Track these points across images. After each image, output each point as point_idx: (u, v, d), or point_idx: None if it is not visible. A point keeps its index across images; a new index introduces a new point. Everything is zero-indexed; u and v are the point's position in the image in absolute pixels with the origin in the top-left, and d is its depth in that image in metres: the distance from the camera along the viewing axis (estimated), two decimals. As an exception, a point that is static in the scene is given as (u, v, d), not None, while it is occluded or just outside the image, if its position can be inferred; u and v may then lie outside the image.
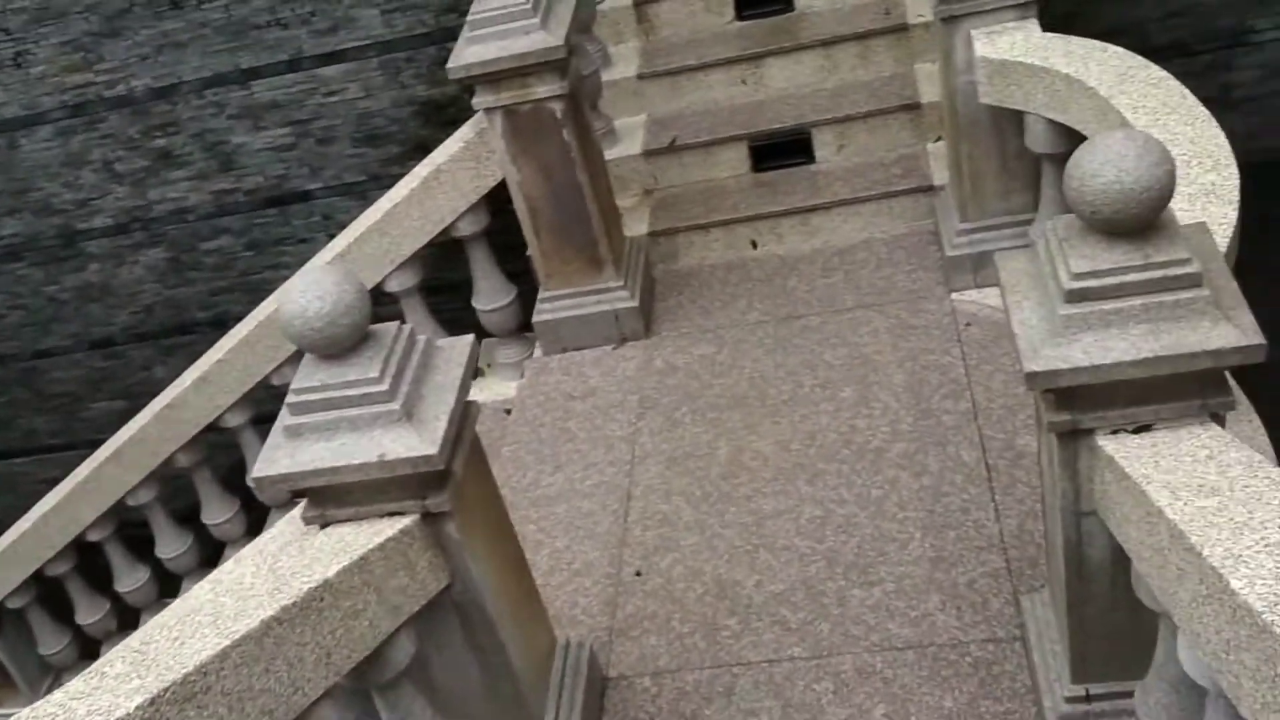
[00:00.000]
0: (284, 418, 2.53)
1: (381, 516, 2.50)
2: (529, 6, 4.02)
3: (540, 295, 4.62)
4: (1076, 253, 2.24)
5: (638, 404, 4.24)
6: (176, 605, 2.71)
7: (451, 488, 2.50)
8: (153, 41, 6.18)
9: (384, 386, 2.44)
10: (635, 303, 4.49)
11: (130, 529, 5.59)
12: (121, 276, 6.98)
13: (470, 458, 2.66)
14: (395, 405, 2.44)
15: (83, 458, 6.96)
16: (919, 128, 4.83)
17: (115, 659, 1.83)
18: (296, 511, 2.81)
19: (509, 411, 4.40)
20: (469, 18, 4.11)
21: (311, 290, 2.39)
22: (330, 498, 2.52)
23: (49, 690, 6.00)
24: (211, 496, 5.29)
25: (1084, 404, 2.28)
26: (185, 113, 6.37)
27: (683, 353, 4.42)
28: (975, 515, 3.46)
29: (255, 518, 5.50)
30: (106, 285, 7.04)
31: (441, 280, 4.95)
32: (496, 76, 4.06)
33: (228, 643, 1.85)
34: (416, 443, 2.41)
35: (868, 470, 3.68)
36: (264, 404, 5.12)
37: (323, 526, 2.54)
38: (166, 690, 1.69)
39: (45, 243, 6.92)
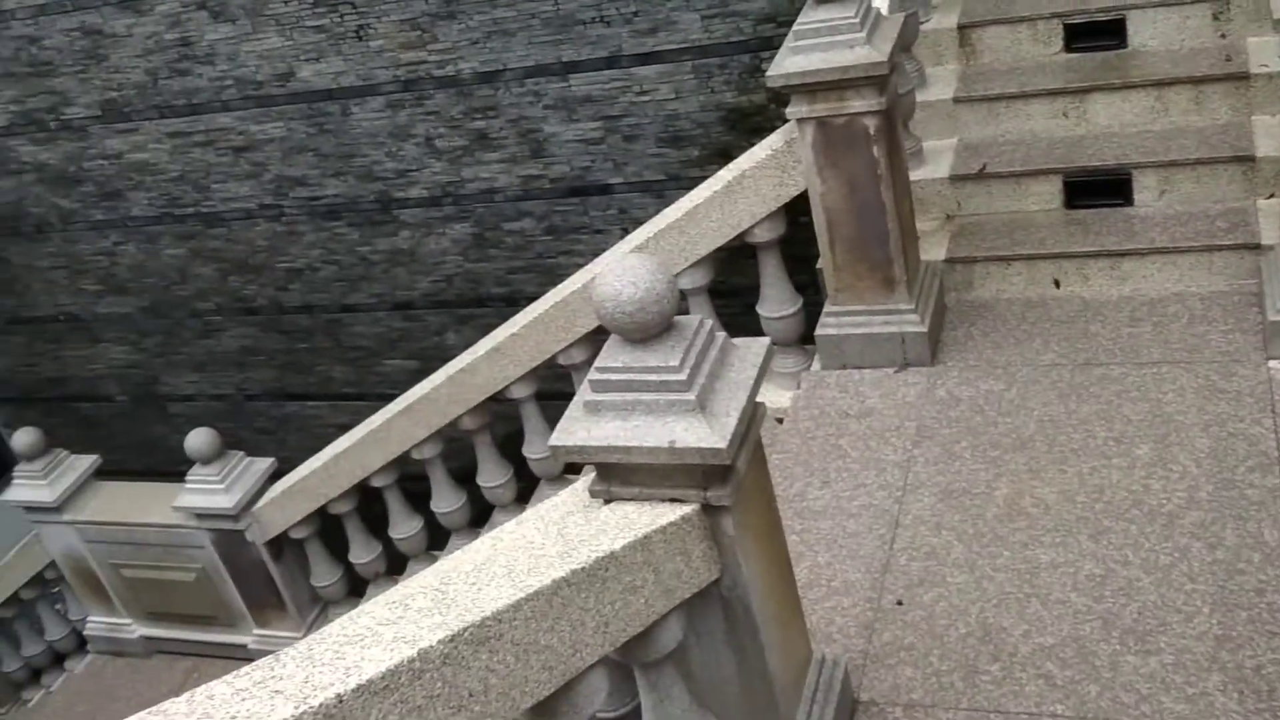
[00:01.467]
0: (584, 393, 2.62)
1: (664, 501, 2.56)
2: (856, 20, 4.01)
3: (826, 309, 4.60)
4: None
5: (915, 431, 4.16)
6: (464, 555, 2.87)
7: (733, 483, 2.53)
8: (484, 27, 6.54)
9: (682, 376, 2.50)
10: (924, 328, 4.40)
11: (410, 481, 5.95)
12: (428, 246, 7.43)
13: (753, 457, 2.68)
14: (690, 395, 2.49)
15: (372, 408, 7.47)
16: (1250, 182, 4.51)
17: (416, 594, 1.96)
18: (581, 484, 2.92)
19: (780, 420, 4.41)
20: (794, 27, 4.13)
21: (627, 275, 2.47)
22: (617, 475, 2.60)
23: (316, 619, 6.47)
24: (488, 460, 5.56)
25: None
26: (505, 99, 6.71)
27: (968, 385, 4.30)
28: (1271, 598, 3.20)
29: (523, 486, 5.75)
30: (414, 253, 7.50)
31: (725, 283, 5.02)
32: (814, 88, 4.07)
33: (521, 595, 1.94)
34: (707, 434, 2.45)
35: (1157, 535, 3.47)
36: (548, 381, 5.36)
37: (607, 501, 2.63)
38: (465, 630, 1.79)
39: (364, 207, 7.45)
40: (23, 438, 6.54)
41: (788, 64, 4.08)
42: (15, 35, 7.45)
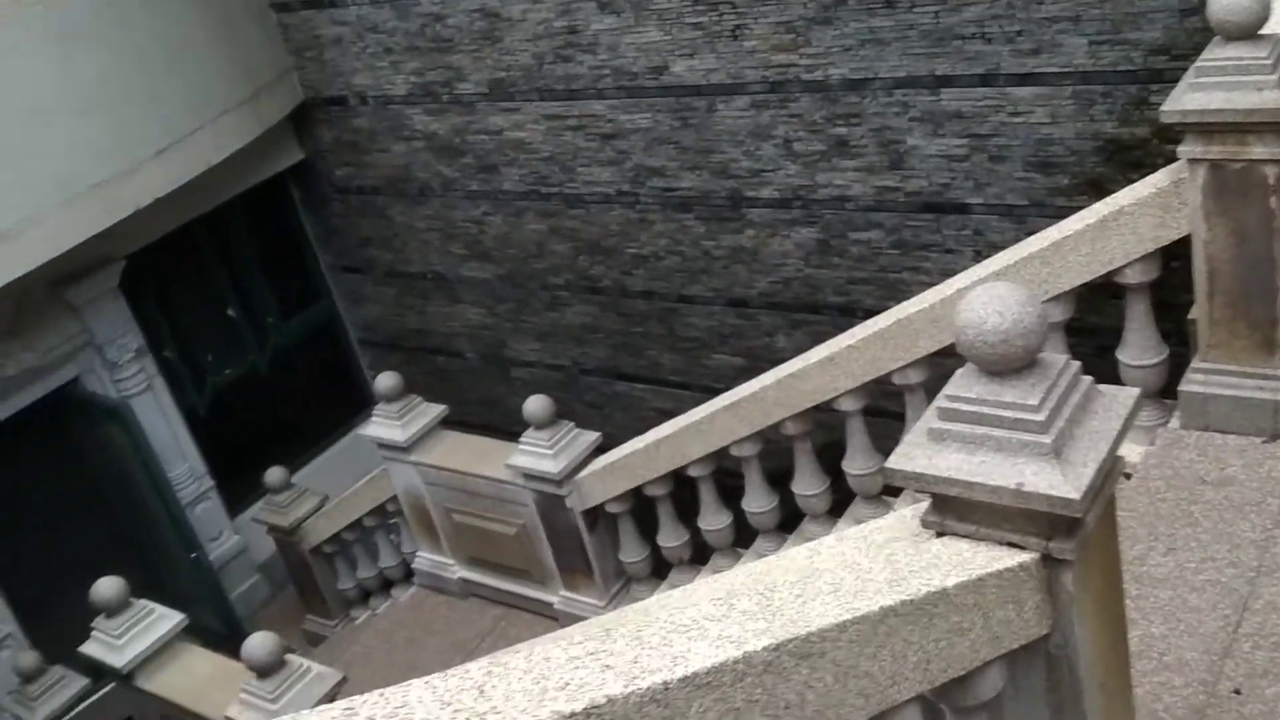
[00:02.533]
0: (930, 419, 2.56)
1: (1000, 544, 2.45)
2: (1268, 61, 3.69)
3: (1194, 364, 4.27)
4: None
5: (1278, 510, 3.79)
6: (781, 562, 2.88)
7: (1079, 538, 2.39)
8: (858, 35, 6.49)
9: (1039, 417, 2.38)
10: (1305, 399, 4.00)
11: (724, 475, 6.03)
12: (771, 247, 7.49)
13: (1103, 514, 2.53)
14: (1046, 439, 2.37)
15: (695, 398, 7.62)
16: None
17: (741, 595, 1.97)
18: (910, 510, 2.85)
19: (1128, 476, 4.14)
20: (1197, 63, 3.85)
21: (994, 304, 2.39)
22: (954, 509, 2.51)
23: (619, 592, 6.69)
24: (806, 468, 5.55)
25: None
26: (871, 108, 6.65)
27: (1350, 469, 3.88)
28: None
29: (836, 498, 5.71)
30: (756, 252, 7.58)
31: (1079, 321, 4.75)
32: (1212, 128, 3.78)
33: (848, 616, 1.92)
34: (1059, 482, 2.33)
35: None
36: (877, 398, 5.28)
37: (939, 534, 2.55)
38: (789, 641, 1.79)
39: (715, 202, 7.59)
40: (385, 380, 7.14)
41: (1186, 100, 3.81)
42: (423, 13, 8.12)
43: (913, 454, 2.52)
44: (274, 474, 8.47)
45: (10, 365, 8.03)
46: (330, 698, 5.26)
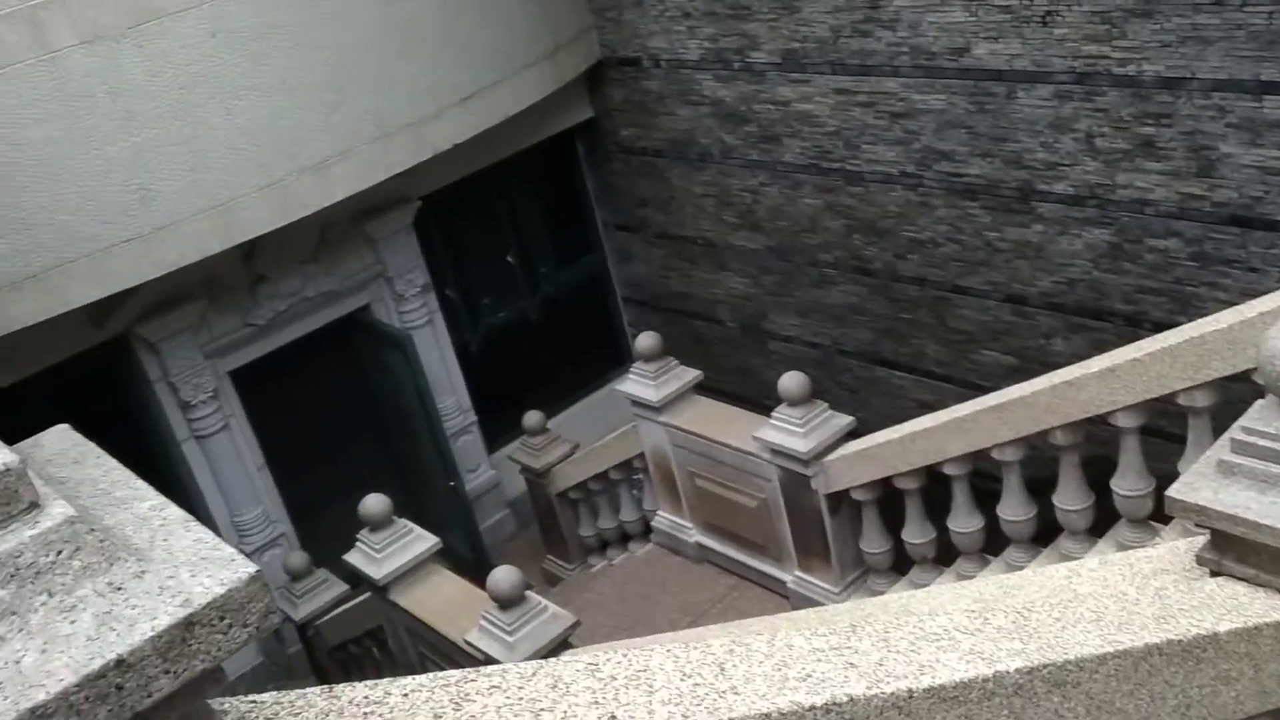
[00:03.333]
0: (1220, 450, 2.38)
1: (1282, 593, 2.27)
2: None
3: None
4: None
5: None
6: (1038, 579, 2.75)
7: (1381, 602, 2.17)
8: (1180, 31, 6.05)
9: (1351, 464, 2.18)
10: None
11: (981, 477, 5.82)
12: (1059, 245, 7.13)
13: None
14: (1356, 488, 2.16)
15: (957, 393, 7.38)
16: None
17: (998, 611, 1.90)
18: (1184, 544, 2.67)
19: None
20: None
21: (1313, 336, 2.18)
22: (1234, 549, 2.33)
23: (855, 580, 6.60)
24: (1071, 481, 5.29)
25: None
26: (1184, 109, 6.20)
27: None
28: None
29: (1097, 517, 5.41)
30: (1041, 249, 7.24)
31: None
32: None
33: (1109, 649, 1.82)
34: (1364, 538, 2.12)
35: None
36: (1156, 417, 4.96)
37: (1214, 574, 2.38)
38: (1044, 667, 1.71)
39: (1002, 192, 7.29)
40: (645, 340, 7.27)
41: None
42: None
43: (1197, 485, 2.36)
44: (532, 417, 8.81)
45: (311, 288, 8.67)
46: (563, 640, 5.45)
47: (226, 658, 1.09)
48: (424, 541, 6.49)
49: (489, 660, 5.44)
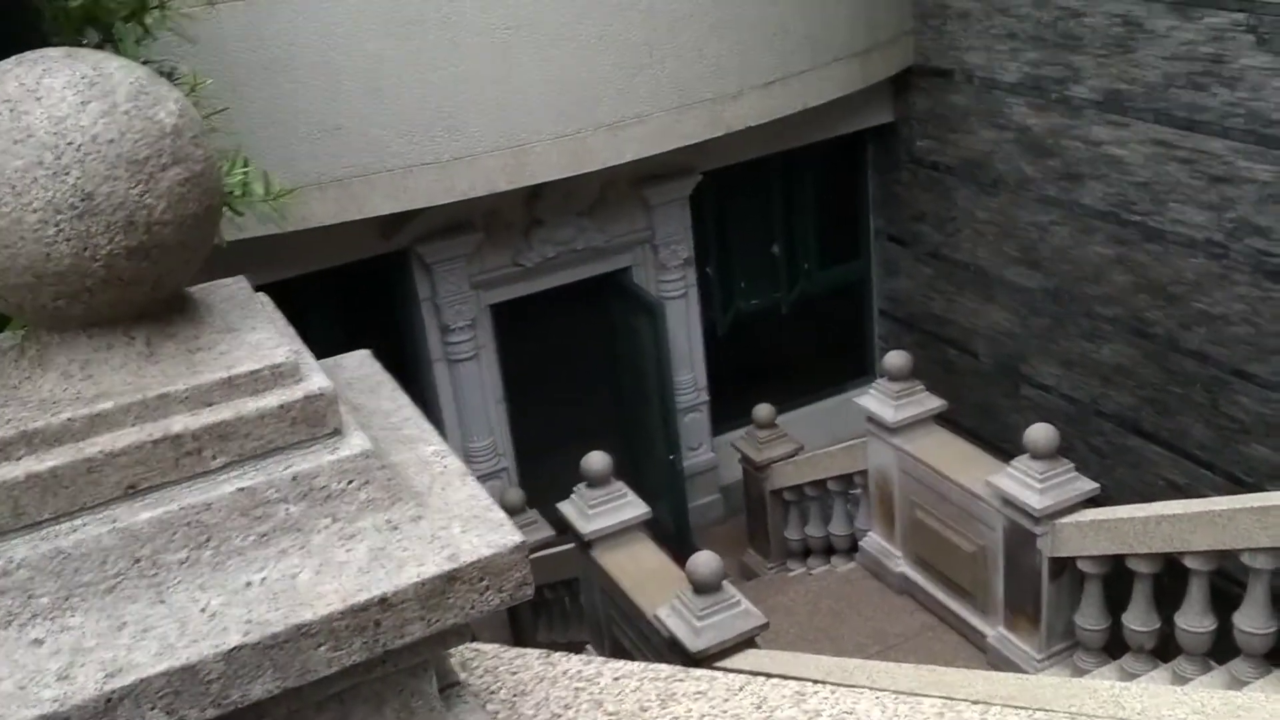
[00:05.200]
0: None
1: None
2: None
3: None
4: None
5: None
6: (1269, 705, 2.54)
7: None
8: None
9: None
10: None
11: (1223, 577, 5.42)
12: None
13: None
14: None
15: (1215, 483, 6.92)
16: None
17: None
18: None
19: None
20: None
21: None
22: None
23: (1061, 652, 6.30)
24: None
25: None
26: None
27: None
28: None
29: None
30: (1347, 351, 6.64)
31: None
32: None
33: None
34: None
35: None
36: None
37: None
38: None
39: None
40: (894, 359, 7.11)
41: None
42: (1062, 5, 7.77)
43: None
44: (762, 409, 8.77)
45: (581, 240, 8.90)
46: (749, 638, 5.42)
47: (479, 617, 1.12)
48: (635, 508, 6.58)
49: (673, 639, 5.48)
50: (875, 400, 7.16)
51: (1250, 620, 5.25)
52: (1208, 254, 7.27)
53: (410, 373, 8.58)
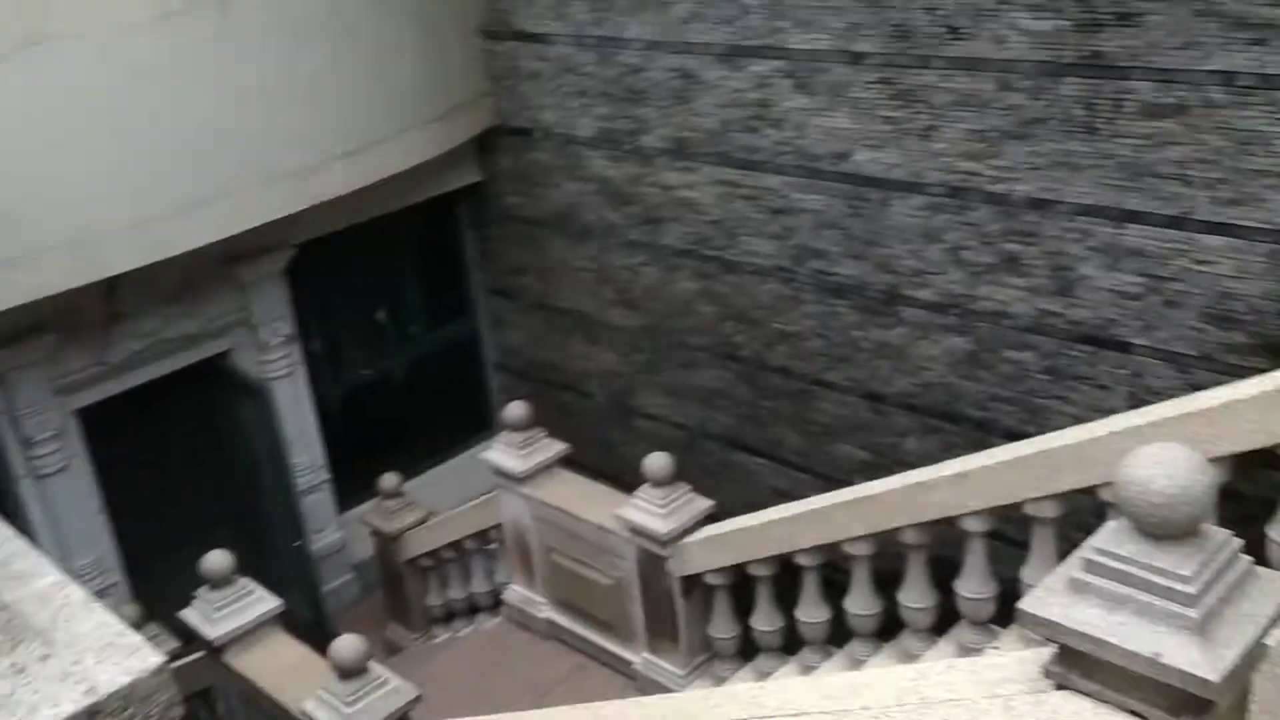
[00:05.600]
0: (1071, 567, 2.46)
1: (1123, 710, 2.35)
2: None
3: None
4: None
5: None
6: (885, 681, 2.79)
7: (1209, 721, 2.27)
8: (1053, 155, 6.38)
9: (1191, 589, 2.28)
10: None
11: (832, 570, 5.92)
12: (919, 348, 7.37)
13: (1236, 702, 2.40)
14: (1193, 613, 2.26)
15: (813, 483, 7.52)
16: None
17: (857, 712, 1.92)
18: (1031, 654, 2.74)
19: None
20: None
21: (1164, 465, 2.29)
22: (1080, 665, 2.41)
23: (701, 664, 6.61)
24: (917, 580, 5.41)
25: None
26: (1049, 230, 6.52)
27: None
28: None
29: (941, 617, 5.55)
30: (903, 351, 7.48)
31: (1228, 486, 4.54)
32: None
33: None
34: (1199, 660, 2.22)
35: None
36: (1002, 523, 5.13)
37: (1059, 687, 2.45)
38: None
39: (870, 294, 7.53)
40: (514, 410, 7.23)
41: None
42: (624, 62, 8.28)
43: (1049, 600, 2.43)
44: (388, 479, 8.63)
45: (170, 329, 8.39)
46: (403, 714, 5.30)
47: (128, 749, 1.03)
48: (265, 603, 6.27)
49: (324, 729, 5.25)
50: (500, 453, 7.24)
51: (859, 604, 5.75)
52: (779, 279, 7.96)
53: (-8, 494, 7.73)
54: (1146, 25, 5.85)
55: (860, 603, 5.74)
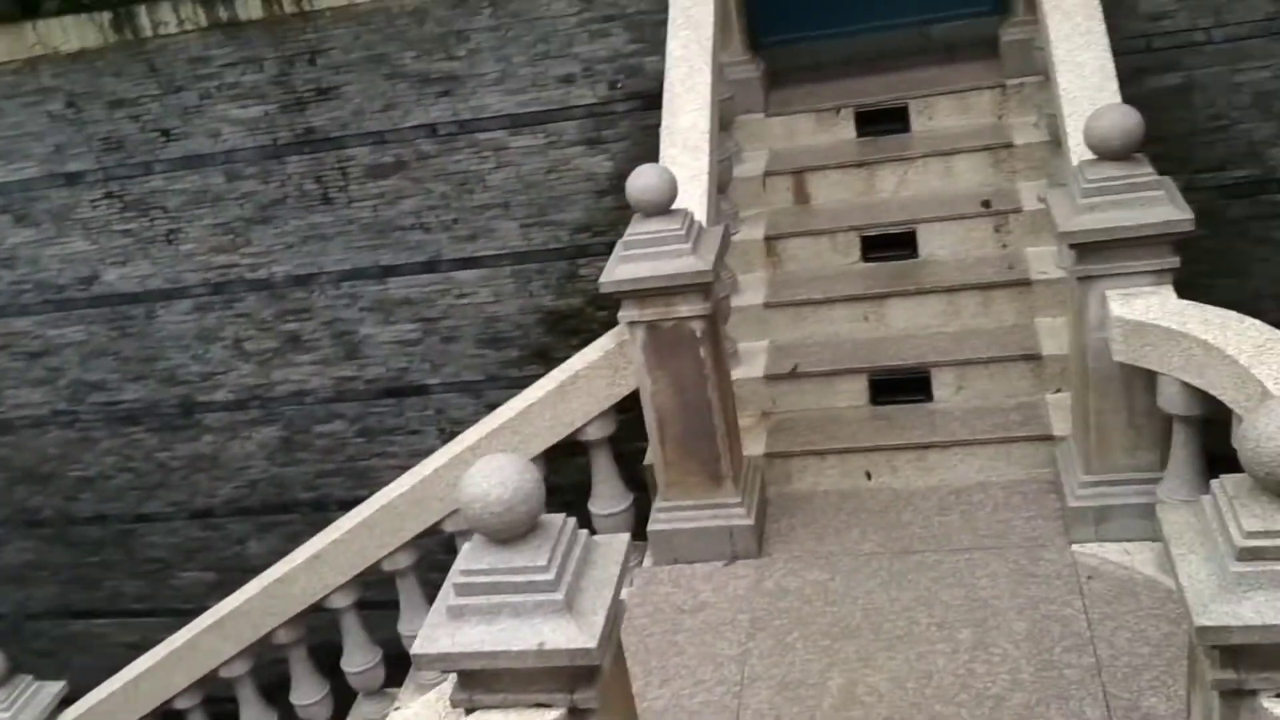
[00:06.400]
0: (447, 597, 2.59)
1: (530, 707, 2.53)
2: (681, 232, 4.27)
3: (656, 505, 4.69)
4: (1248, 511, 2.29)
5: (748, 624, 4.24)
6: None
7: (599, 684, 2.53)
8: (299, 232, 6.58)
9: (549, 575, 2.51)
10: (750, 520, 4.54)
11: (217, 702, 5.58)
12: (232, 450, 7.20)
13: (616, 657, 2.69)
14: (558, 595, 2.50)
15: (164, 624, 7.01)
16: (1039, 378, 4.94)
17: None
18: (435, 693, 2.85)
19: (618, 618, 4.41)
20: (624, 237, 4.35)
21: (495, 476, 2.50)
22: (481, 682, 2.55)
23: None
24: (304, 676, 5.29)
25: (1250, 664, 2.28)
26: (320, 301, 6.71)
27: (794, 576, 4.44)
28: (1098, 774, 3.37)
29: (339, 703, 5.49)
30: (216, 458, 7.25)
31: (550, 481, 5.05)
32: (644, 293, 4.26)
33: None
34: (576, 634, 2.46)
35: (986, 717, 3.61)
36: (369, 588, 5.20)
37: (469, 711, 2.58)
38: None
39: (164, 410, 7.20)
40: None
41: (619, 271, 4.27)
42: None
43: (435, 635, 2.54)
44: None
45: None
46: None
47: None
48: None
49: None
50: None
51: (253, 723, 5.49)
52: (60, 425, 7.34)
53: None
54: (345, 96, 6.25)
55: (255, 720, 5.48)
